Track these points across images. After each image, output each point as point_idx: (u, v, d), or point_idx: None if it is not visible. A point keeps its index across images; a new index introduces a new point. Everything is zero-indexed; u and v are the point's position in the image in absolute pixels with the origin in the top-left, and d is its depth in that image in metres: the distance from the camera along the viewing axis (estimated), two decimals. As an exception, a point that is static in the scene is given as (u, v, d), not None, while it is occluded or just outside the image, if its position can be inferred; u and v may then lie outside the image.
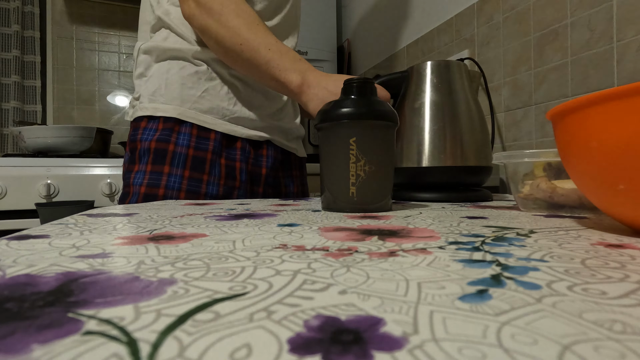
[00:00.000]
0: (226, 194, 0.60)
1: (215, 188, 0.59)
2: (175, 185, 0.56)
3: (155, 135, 0.58)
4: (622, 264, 0.15)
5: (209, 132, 0.59)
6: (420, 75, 0.54)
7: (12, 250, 0.18)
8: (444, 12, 1.17)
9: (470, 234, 0.22)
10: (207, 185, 0.58)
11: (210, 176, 0.58)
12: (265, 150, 0.65)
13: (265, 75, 0.52)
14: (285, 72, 0.51)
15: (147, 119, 0.59)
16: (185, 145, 0.58)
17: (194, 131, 0.58)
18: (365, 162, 0.35)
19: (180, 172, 0.57)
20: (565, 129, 0.23)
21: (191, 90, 0.59)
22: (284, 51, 0.52)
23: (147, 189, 0.56)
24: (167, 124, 0.58)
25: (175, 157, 0.57)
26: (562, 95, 0.80)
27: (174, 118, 0.58)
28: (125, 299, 0.11)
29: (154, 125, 0.59)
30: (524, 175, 0.37)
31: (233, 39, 0.52)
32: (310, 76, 0.51)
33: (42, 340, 0.08)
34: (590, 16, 0.75)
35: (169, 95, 0.59)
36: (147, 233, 0.23)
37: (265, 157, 0.65)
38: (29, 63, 1.60)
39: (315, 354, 0.08)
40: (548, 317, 0.10)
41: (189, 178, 0.57)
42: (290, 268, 0.15)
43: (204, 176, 0.58)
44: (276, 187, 0.69)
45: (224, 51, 0.54)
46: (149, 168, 0.57)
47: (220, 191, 0.59)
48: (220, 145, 0.59)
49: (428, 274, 0.14)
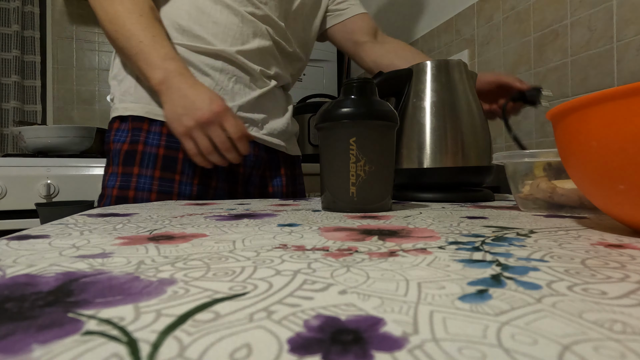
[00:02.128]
0: (201, 193, 0.58)
1: (189, 188, 0.57)
2: (145, 187, 0.55)
3: (126, 136, 0.57)
4: (622, 264, 0.15)
5: None
6: (421, 75, 0.54)
7: (12, 250, 0.18)
8: (444, 12, 1.16)
9: (470, 234, 0.22)
10: (180, 185, 0.57)
11: (182, 175, 0.57)
12: None
13: (135, 66, 0.53)
14: (150, 67, 0.51)
15: (119, 120, 0.59)
16: (155, 144, 0.57)
17: (164, 130, 0.57)
18: (365, 162, 0.35)
19: (151, 172, 0.56)
20: (565, 129, 0.23)
21: None
22: (158, 47, 0.52)
23: (119, 191, 0.56)
24: (136, 123, 0.57)
25: (145, 157, 0.56)
26: (562, 95, 0.80)
27: (142, 117, 0.57)
28: (125, 299, 0.11)
29: (125, 126, 0.58)
30: (524, 175, 0.37)
31: (110, 24, 0.53)
32: (174, 79, 0.51)
33: (42, 340, 0.08)
34: (590, 16, 0.75)
35: (138, 94, 0.58)
36: (147, 233, 0.23)
37: (244, 156, 0.62)
38: (29, 63, 1.60)
39: (315, 354, 0.08)
40: (548, 317, 0.10)
41: (160, 178, 0.56)
42: (290, 268, 0.15)
43: (175, 176, 0.57)
44: (262, 187, 0.67)
45: (106, 35, 0.55)
46: (120, 170, 0.57)
47: (194, 191, 0.58)
48: None
49: (428, 274, 0.14)
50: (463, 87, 0.53)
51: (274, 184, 0.69)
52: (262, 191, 0.68)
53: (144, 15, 0.53)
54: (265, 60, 0.64)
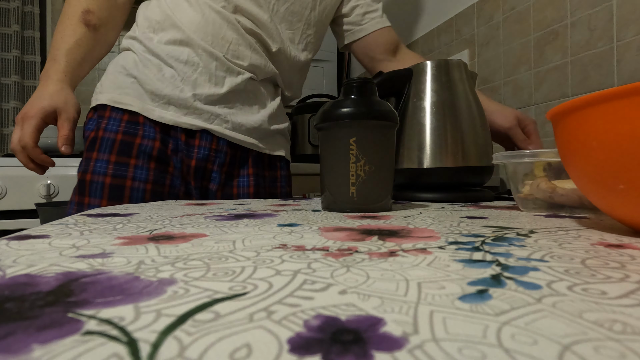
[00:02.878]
0: (157, 179, 0.58)
1: (145, 173, 0.58)
2: (100, 170, 0.57)
3: (93, 124, 0.60)
4: (622, 264, 0.15)
5: (137, 117, 0.59)
6: (421, 75, 0.54)
7: (12, 250, 0.18)
8: (444, 12, 1.16)
9: (470, 234, 0.22)
10: (135, 169, 0.57)
11: (138, 160, 0.58)
12: (197, 141, 0.61)
13: None
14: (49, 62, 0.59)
15: (93, 110, 0.62)
16: (114, 130, 0.58)
17: (124, 117, 0.59)
18: (365, 162, 0.35)
19: (107, 157, 0.57)
20: (565, 129, 0.23)
21: (127, 78, 0.60)
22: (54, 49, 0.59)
23: (81, 174, 0.58)
24: (101, 111, 0.60)
25: (103, 142, 0.58)
26: (562, 95, 0.80)
27: (105, 105, 0.60)
28: (125, 299, 0.11)
29: (94, 115, 0.61)
30: (524, 175, 0.37)
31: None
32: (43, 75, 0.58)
33: (42, 340, 0.08)
34: (590, 16, 0.75)
35: (106, 83, 0.61)
36: (147, 233, 0.23)
37: (197, 148, 0.61)
38: (29, 63, 1.60)
39: (315, 354, 0.08)
40: (548, 317, 0.10)
41: (115, 163, 0.57)
42: (290, 268, 0.15)
43: (131, 160, 0.57)
44: (226, 185, 0.64)
45: None
46: (85, 155, 0.59)
47: (151, 176, 0.58)
48: (153, 131, 0.59)
49: (428, 274, 0.14)
50: (463, 87, 0.53)
51: (240, 183, 0.66)
52: (225, 190, 0.64)
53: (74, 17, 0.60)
54: (238, 52, 0.62)
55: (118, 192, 0.56)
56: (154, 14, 0.62)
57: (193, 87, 0.60)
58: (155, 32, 0.61)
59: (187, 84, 0.59)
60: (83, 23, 0.60)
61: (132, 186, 0.57)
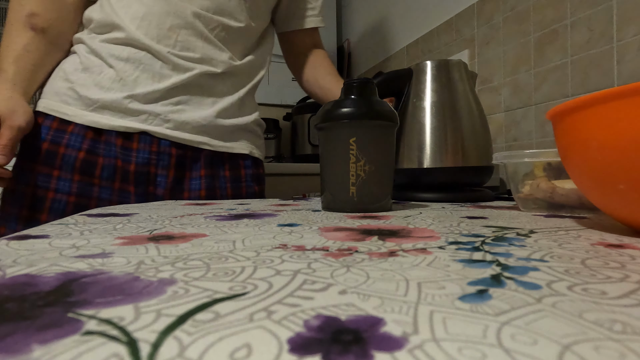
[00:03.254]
0: (82, 191, 0.56)
1: (67, 184, 0.55)
2: (23, 180, 0.55)
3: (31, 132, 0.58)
4: (622, 264, 0.15)
5: (67, 125, 0.56)
6: (421, 75, 0.54)
7: (12, 250, 0.18)
8: (444, 12, 1.17)
9: (470, 234, 0.22)
10: (58, 181, 0.55)
11: (61, 171, 0.55)
12: (136, 144, 0.57)
13: None
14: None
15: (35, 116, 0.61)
16: (42, 138, 0.56)
17: (53, 124, 0.56)
18: (365, 162, 0.35)
19: (31, 166, 0.55)
20: (565, 129, 0.23)
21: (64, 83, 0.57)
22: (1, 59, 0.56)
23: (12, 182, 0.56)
24: (38, 118, 0.57)
25: (31, 151, 0.56)
26: (562, 95, 0.80)
27: (39, 112, 0.57)
28: (125, 299, 0.11)
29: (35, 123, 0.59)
30: (524, 175, 0.37)
31: None
32: None
33: (42, 340, 0.08)
34: (590, 16, 0.75)
35: (46, 89, 0.59)
36: (147, 233, 0.23)
37: (136, 152, 0.57)
38: None
39: (315, 354, 0.08)
40: (548, 317, 0.10)
41: (38, 173, 0.55)
42: (290, 268, 0.15)
43: (54, 171, 0.55)
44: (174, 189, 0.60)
45: None
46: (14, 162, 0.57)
47: (74, 188, 0.55)
48: (79, 138, 0.56)
49: (428, 274, 0.14)
50: (463, 87, 0.53)
51: (192, 186, 0.61)
52: (174, 194, 0.60)
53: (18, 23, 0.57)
54: (187, 43, 0.58)
55: (39, 204, 0.54)
56: (95, 12, 0.59)
57: (132, 86, 0.57)
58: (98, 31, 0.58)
59: (125, 84, 0.57)
60: (29, 27, 0.56)
61: (54, 197, 0.54)
